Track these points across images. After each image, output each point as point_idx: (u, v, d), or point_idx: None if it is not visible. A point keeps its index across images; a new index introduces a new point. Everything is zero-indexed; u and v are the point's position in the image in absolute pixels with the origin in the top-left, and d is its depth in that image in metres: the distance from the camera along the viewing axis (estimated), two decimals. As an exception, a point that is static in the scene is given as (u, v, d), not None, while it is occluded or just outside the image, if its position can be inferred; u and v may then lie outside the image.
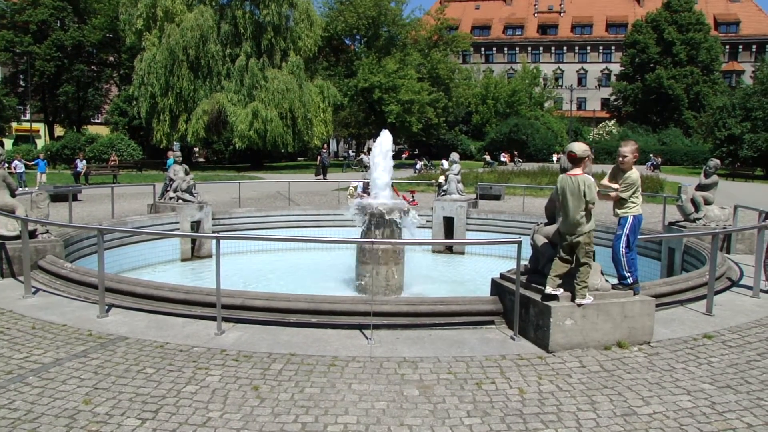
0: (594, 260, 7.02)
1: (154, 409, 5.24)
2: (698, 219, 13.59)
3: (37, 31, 57.54)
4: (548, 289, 6.86)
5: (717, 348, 7.16)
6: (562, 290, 6.90)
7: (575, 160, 6.76)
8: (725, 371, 6.41)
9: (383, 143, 12.77)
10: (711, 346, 7.21)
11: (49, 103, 63.57)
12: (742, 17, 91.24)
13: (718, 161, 14.59)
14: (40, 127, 68.04)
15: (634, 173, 7.25)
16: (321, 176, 38.71)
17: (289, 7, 47.96)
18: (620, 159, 7.23)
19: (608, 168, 7.43)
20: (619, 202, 7.32)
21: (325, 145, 42.34)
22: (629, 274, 7.30)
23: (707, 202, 13.74)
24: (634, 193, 7.23)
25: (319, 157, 42.22)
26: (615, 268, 7.42)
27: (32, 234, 10.65)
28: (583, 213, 6.72)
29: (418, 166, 49.23)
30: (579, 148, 6.80)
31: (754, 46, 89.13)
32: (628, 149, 7.19)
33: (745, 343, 7.36)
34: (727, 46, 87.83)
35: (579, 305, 6.86)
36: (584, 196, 6.64)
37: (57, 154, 47.33)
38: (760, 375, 6.33)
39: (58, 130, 67.42)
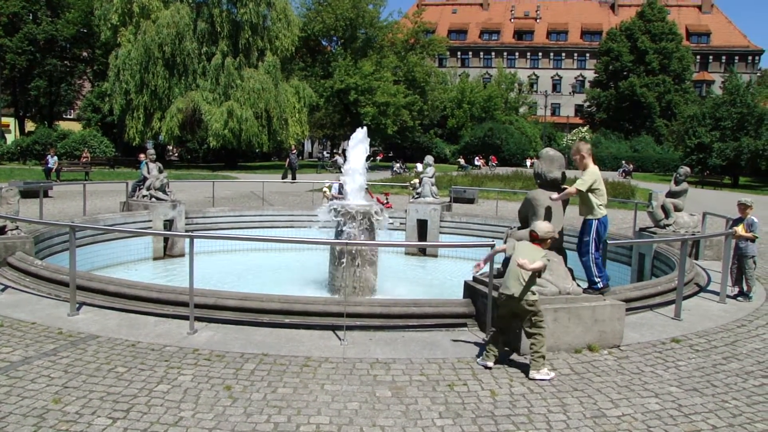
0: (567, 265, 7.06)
1: (125, 409, 5.21)
2: (668, 225, 13.80)
3: (9, 23, 56.49)
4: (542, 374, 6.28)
5: (684, 352, 7.29)
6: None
7: (538, 240, 6.56)
8: (692, 374, 6.54)
9: (358, 139, 12.71)
10: (679, 350, 7.34)
11: (19, 98, 62.48)
12: (713, 29, 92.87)
13: (688, 169, 14.84)
14: (10, 121, 66.90)
15: (590, 168, 7.38)
16: (289, 178, 37.71)
17: (267, 7, 47.69)
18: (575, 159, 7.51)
19: (580, 174, 7.53)
20: (585, 206, 7.40)
21: (294, 146, 41.67)
22: (599, 279, 7.41)
23: (677, 209, 13.97)
24: (593, 191, 7.33)
25: (288, 159, 41.53)
26: (585, 274, 7.52)
27: (2, 230, 10.52)
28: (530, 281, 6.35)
29: (395, 168, 49.22)
30: (542, 229, 6.57)
31: (724, 57, 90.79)
32: (573, 149, 7.53)
33: (712, 348, 7.51)
34: (698, 57, 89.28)
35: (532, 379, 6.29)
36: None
37: (27, 149, 46.58)
38: (725, 378, 6.46)
39: (29, 125, 66.33)
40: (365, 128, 13.01)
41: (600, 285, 7.42)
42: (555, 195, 7.47)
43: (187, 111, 44.05)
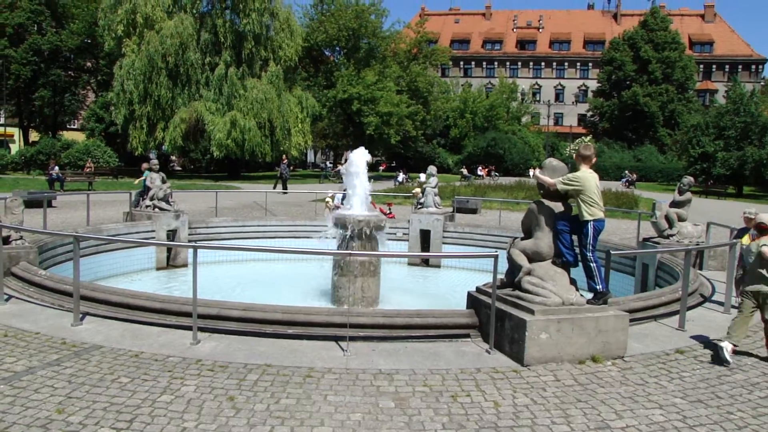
0: None
1: (128, 419, 5.21)
2: (672, 235, 13.78)
3: (14, 34, 56.80)
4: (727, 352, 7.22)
5: (689, 363, 7.27)
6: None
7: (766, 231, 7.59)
8: (696, 386, 6.51)
9: (359, 159, 12.68)
10: (683, 361, 7.32)
11: (24, 108, 62.77)
12: (716, 38, 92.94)
13: (691, 179, 14.82)
14: (15, 131, 67.12)
15: (579, 173, 7.36)
16: (279, 188, 36.84)
17: (270, 17, 47.90)
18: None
19: None
20: (581, 208, 7.36)
21: (285, 157, 41.20)
22: (601, 282, 7.40)
23: (681, 219, 13.95)
24: (580, 197, 7.28)
25: (278, 169, 40.77)
26: (588, 280, 7.49)
27: (6, 240, 10.52)
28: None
29: (400, 178, 49.15)
30: None
31: (727, 66, 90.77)
32: (580, 146, 7.67)
33: (717, 359, 7.47)
34: (701, 66, 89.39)
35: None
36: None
37: (32, 159, 46.75)
38: (729, 389, 6.44)
39: (33, 135, 66.57)
40: (365, 150, 12.92)
41: (599, 287, 7.40)
42: (537, 171, 7.78)
43: (190, 121, 44.18)
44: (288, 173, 38.90)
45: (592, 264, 7.35)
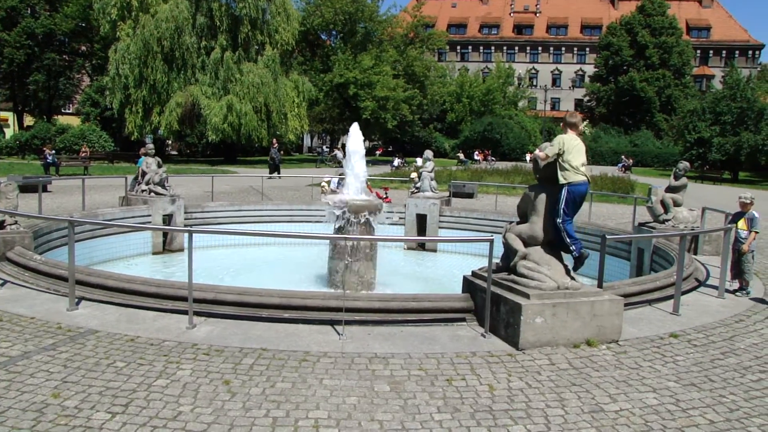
0: None
1: (124, 403, 5.22)
2: (667, 220, 13.80)
3: (6, 17, 56.26)
4: None
5: (683, 347, 7.31)
6: None
7: None
8: (690, 369, 6.55)
9: (355, 138, 12.72)
10: (677, 345, 7.36)
11: (18, 92, 62.31)
12: (713, 23, 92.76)
13: (687, 164, 14.82)
14: (9, 116, 66.75)
15: (561, 136, 7.40)
16: (276, 174, 36.11)
17: (266, 1, 47.59)
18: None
19: None
20: (557, 173, 7.31)
21: (275, 141, 40.54)
22: (572, 244, 7.35)
23: (676, 204, 13.97)
24: (561, 159, 7.26)
25: (270, 154, 40.27)
26: (563, 251, 7.51)
27: (1, 225, 10.51)
28: None
29: (395, 163, 49.04)
30: None
31: (724, 52, 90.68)
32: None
33: (710, 343, 7.53)
34: (698, 51, 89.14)
35: None
36: None
37: (26, 144, 46.52)
38: (722, 373, 6.48)
39: (28, 120, 66.21)
40: (357, 126, 12.95)
41: (574, 250, 7.36)
42: (537, 151, 7.63)
43: (186, 105, 43.96)
44: (279, 157, 38.59)
45: (562, 229, 7.29)
